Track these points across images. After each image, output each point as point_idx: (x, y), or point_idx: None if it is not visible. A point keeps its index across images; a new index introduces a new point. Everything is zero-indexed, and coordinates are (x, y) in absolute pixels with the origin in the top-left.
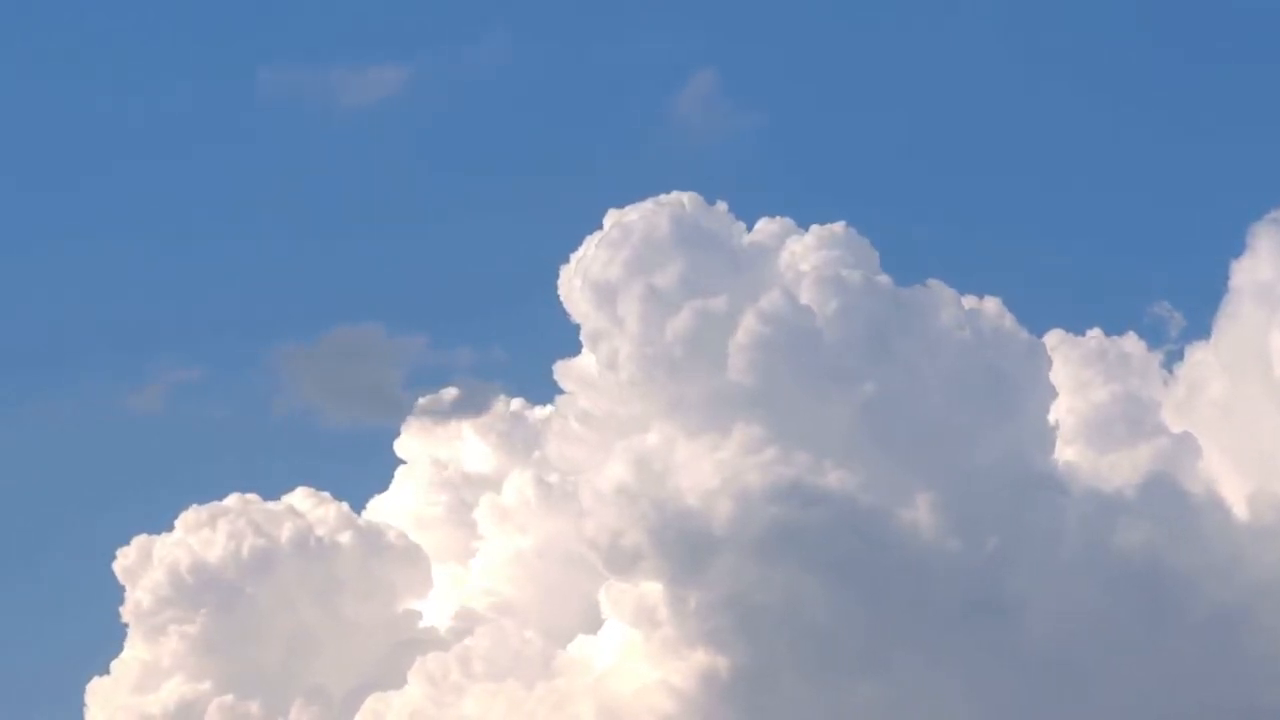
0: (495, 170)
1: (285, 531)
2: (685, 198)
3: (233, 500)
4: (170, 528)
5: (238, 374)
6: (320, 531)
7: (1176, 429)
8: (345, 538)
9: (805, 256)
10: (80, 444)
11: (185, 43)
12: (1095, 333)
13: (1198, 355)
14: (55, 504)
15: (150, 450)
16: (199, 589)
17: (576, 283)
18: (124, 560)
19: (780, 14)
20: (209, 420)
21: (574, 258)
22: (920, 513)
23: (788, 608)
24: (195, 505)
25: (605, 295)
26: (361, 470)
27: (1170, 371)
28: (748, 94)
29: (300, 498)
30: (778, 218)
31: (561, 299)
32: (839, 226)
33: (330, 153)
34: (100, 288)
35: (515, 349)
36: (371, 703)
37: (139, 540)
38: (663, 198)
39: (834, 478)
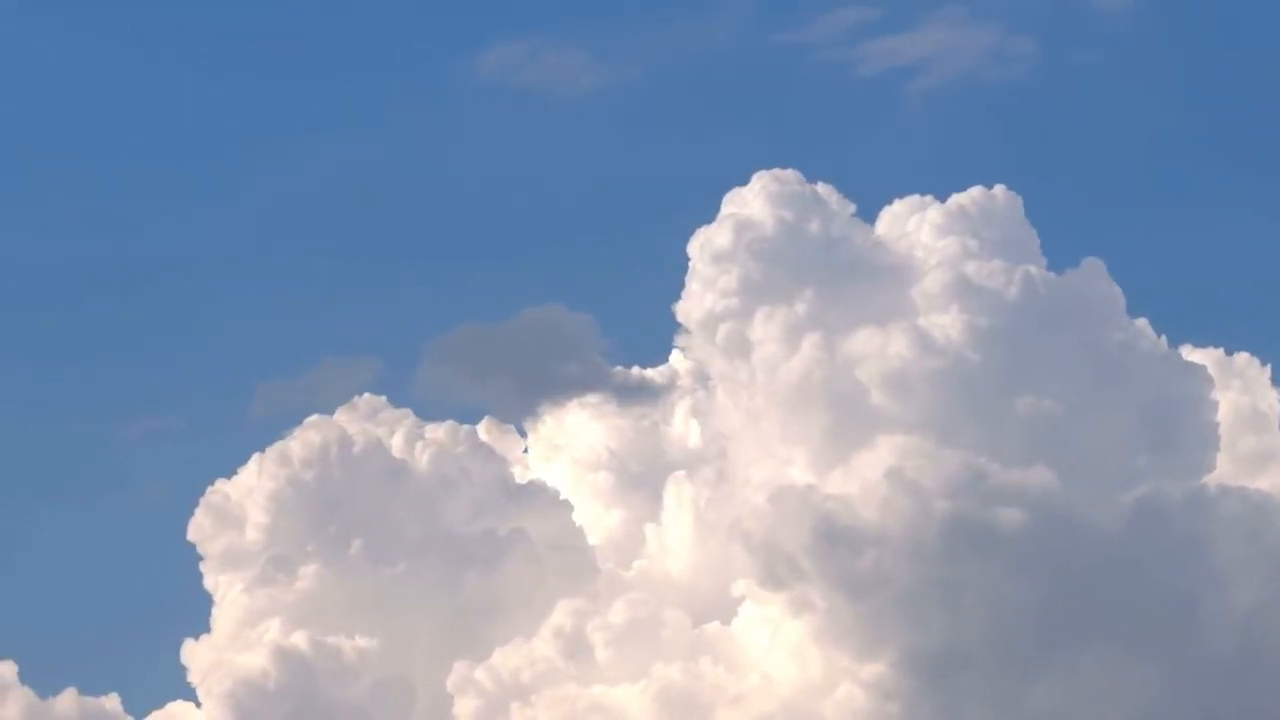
0: (715, 157)
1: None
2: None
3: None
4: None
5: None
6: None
7: None
8: (507, 510)
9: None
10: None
11: (417, 16)
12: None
13: None
14: None
15: None
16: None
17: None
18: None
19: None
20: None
21: (684, 291)
22: (1103, 513)
23: (966, 605)
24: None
25: (728, 339)
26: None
27: None
28: (961, 94)
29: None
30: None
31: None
32: (1001, 191)
33: (551, 136)
34: None
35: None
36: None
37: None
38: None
39: (1014, 477)
